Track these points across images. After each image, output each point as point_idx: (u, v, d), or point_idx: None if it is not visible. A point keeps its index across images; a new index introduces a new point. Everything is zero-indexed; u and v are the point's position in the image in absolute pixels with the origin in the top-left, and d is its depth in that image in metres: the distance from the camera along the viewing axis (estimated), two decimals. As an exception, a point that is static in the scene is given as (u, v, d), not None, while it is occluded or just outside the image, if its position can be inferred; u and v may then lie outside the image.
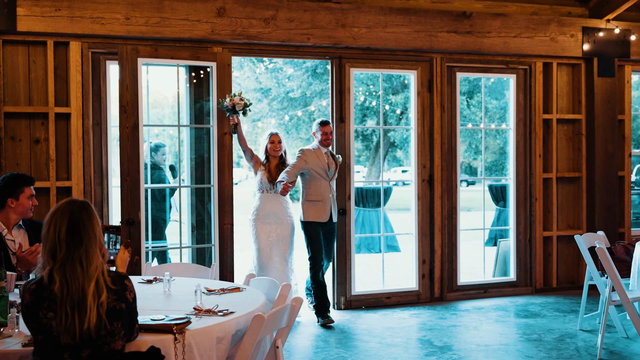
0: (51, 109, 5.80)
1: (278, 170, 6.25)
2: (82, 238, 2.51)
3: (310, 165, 6.19)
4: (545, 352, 5.24)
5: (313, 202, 6.23)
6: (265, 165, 6.27)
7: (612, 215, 7.50)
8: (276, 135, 6.34)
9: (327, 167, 6.25)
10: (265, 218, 6.19)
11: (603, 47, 7.42)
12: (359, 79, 17.39)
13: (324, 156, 6.26)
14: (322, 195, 6.23)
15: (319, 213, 6.21)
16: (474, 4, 7.18)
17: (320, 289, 6.21)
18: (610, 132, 7.50)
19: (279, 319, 3.21)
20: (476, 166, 23.31)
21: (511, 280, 7.43)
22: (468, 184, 27.30)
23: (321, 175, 6.22)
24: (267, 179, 6.22)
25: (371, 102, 18.35)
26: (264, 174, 6.23)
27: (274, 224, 6.19)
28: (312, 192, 6.24)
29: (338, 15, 6.49)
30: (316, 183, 6.22)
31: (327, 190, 6.25)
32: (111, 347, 2.48)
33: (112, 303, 2.50)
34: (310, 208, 6.22)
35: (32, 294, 2.49)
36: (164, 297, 3.61)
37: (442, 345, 5.48)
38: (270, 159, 6.32)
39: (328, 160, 6.28)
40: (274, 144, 6.30)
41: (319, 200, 6.22)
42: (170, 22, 5.97)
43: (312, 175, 6.22)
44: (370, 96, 18.37)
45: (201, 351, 2.89)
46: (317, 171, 6.20)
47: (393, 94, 18.48)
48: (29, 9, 5.60)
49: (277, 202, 6.23)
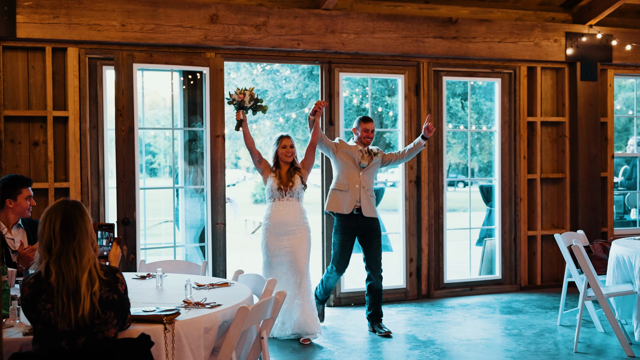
0: (49, 112, 6.01)
1: (290, 175, 5.77)
2: (74, 233, 2.73)
3: (340, 151, 5.94)
4: (524, 346, 5.46)
5: (337, 191, 5.95)
6: (276, 172, 5.77)
7: (595, 214, 7.73)
8: (288, 139, 5.82)
9: (359, 159, 5.94)
10: (277, 228, 5.68)
11: (586, 51, 7.64)
12: (355, 80, 17.60)
13: (358, 152, 5.97)
14: (348, 185, 5.89)
15: (339, 203, 5.90)
16: (459, 10, 7.41)
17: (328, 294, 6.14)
18: (593, 134, 7.72)
19: (263, 311, 3.42)
20: (472, 167, 23.56)
21: (497, 278, 7.65)
22: (465, 185, 27.54)
23: (350, 164, 5.92)
24: (278, 186, 5.72)
25: (366, 104, 18.57)
26: (275, 180, 5.73)
27: (286, 234, 5.67)
28: (339, 181, 5.96)
29: (327, 22, 6.70)
30: (345, 172, 5.92)
31: (356, 180, 5.90)
32: (105, 334, 2.70)
33: (105, 294, 2.71)
34: (333, 197, 5.96)
35: (31, 287, 2.70)
36: (156, 292, 3.82)
37: (425, 339, 5.70)
38: (281, 164, 5.81)
39: (362, 155, 5.98)
40: (286, 148, 5.77)
41: (344, 189, 5.91)
42: (165, 28, 6.19)
43: (341, 162, 5.94)
44: (365, 98, 18.58)
45: (189, 340, 3.10)
46: (346, 158, 5.93)
47: (389, 96, 18.70)
48: (28, 16, 5.81)
49: (290, 210, 5.71)
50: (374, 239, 5.96)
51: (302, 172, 5.82)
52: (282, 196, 5.72)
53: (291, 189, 5.71)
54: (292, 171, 5.79)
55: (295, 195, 5.74)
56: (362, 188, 5.91)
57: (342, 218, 5.92)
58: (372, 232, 5.96)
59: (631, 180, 9.00)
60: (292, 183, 5.72)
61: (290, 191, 5.71)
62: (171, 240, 6.74)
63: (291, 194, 5.72)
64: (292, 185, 5.72)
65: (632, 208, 9.14)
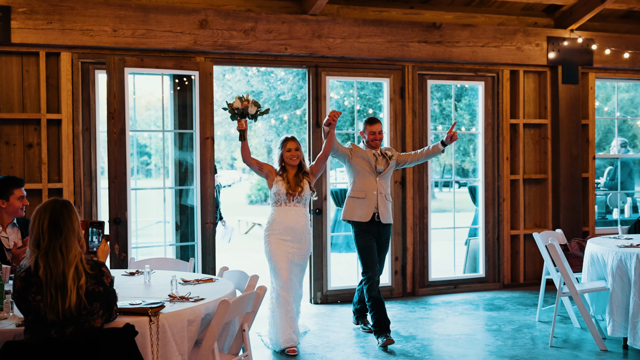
0: (43, 115, 6.19)
1: (298, 179, 5.52)
2: (62, 230, 2.93)
3: (355, 157, 5.77)
4: (502, 341, 5.66)
5: (353, 199, 5.75)
6: (283, 176, 5.50)
7: (577, 214, 7.94)
8: (293, 142, 5.55)
9: (374, 164, 5.77)
10: (283, 234, 5.44)
11: (567, 55, 7.85)
12: (350, 83, 17.80)
13: (373, 157, 5.79)
14: (365, 192, 5.72)
15: (357, 211, 5.70)
16: (444, 15, 7.61)
17: (377, 305, 5.58)
18: (574, 136, 7.93)
19: (243, 305, 3.62)
20: (468, 168, 23.76)
21: (480, 276, 7.85)
22: (460, 186, 27.80)
23: (366, 169, 5.75)
24: (287, 190, 5.46)
25: (357, 106, 18.78)
26: (283, 184, 5.46)
27: (292, 241, 5.44)
28: (356, 188, 5.76)
29: (314, 27, 6.90)
30: (361, 178, 5.74)
31: (373, 186, 5.73)
32: (91, 324, 2.90)
33: (91, 286, 2.91)
34: (349, 205, 5.76)
35: (22, 280, 2.90)
36: (144, 287, 4.01)
37: (407, 335, 5.89)
38: (288, 168, 5.55)
39: (377, 159, 5.81)
40: (291, 152, 5.52)
41: (361, 197, 5.72)
42: (155, 33, 6.37)
43: (356, 168, 5.77)
44: (357, 101, 18.78)
45: (173, 332, 3.29)
46: (362, 164, 5.75)
47: (382, 98, 18.87)
48: (23, 22, 6.00)
49: (297, 216, 5.48)
50: (386, 246, 5.90)
51: (310, 177, 5.61)
52: (290, 201, 5.48)
53: (300, 194, 5.48)
54: (301, 176, 5.54)
55: (303, 202, 5.53)
56: (379, 194, 5.74)
57: (362, 224, 5.73)
58: (386, 240, 5.87)
59: (614, 181, 9.22)
60: (301, 189, 5.49)
61: (299, 197, 5.49)
62: (162, 240, 6.92)
63: (299, 199, 5.49)
64: (302, 191, 5.48)
65: (614, 208, 9.35)
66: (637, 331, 5.12)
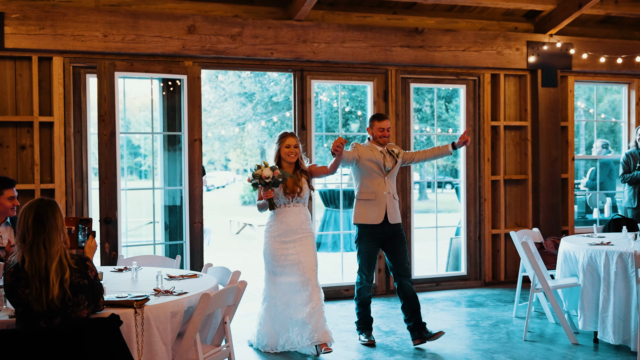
0: (36, 118, 6.39)
1: (296, 178, 5.41)
2: (45, 226, 3.15)
3: (362, 160, 5.60)
4: (479, 335, 5.89)
5: (364, 202, 5.62)
6: None
7: (556, 214, 8.17)
8: (292, 138, 5.45)
9: (383, 163, 5.63)
10: (282, 235, 5.36)
11: (547, 59, 8.09)
12: (344, 86, 18.01)
13: (380, 154, 5.66)
14: (375, 193, 5.59)
15: (369, 214, 5.58)
16: (426, 20, 7.84)
17: (364, 305, 5.72)
18: (553, 137, 8.17)
19: (224, 298, 3.83)
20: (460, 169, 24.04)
21: (462, 274, 8.08)
22: (452, 187, 28.04)
23: (374, 170, 5.60)
24: (284, 191, 5.36)
25: (346, 108, 18.99)
26: (280, 185, 5.33)
27: (292, 242, 5.35)
28: (364, 190, 5.63)
29: (299, 32, 7.11)
30: (369, 179, 5.61)
31: (382, 187, 5.60)
32: (77, 314, 3.12)
33: (75, 280, 3.12)
34: (360, 208, 5.63)
35: (11, 275, 3.13)
36: (131, 282, 4.21)
37: (388, 330, 6.11)
38: (284, 164, 5.43)
39: (385, 157, 5.67)
40: (290, 148, 5.40)
41: (371, 198, 5.59)
42: (145, 38, 6.58)
43: (364, 170, 5.62)
44: (347, 103, 18.99)
45: (157, 323, 3.50)
46: (370, 165, 5.60)
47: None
48: (16, 27, 6.19)
49: (296, 217, 5.38)
50: (400, 245, 5.65)
51: (308, 176, 5.52)
52: (289, 202, 5.39)
53: (299, 194, 5.39)
54: (299, 174, 5.44)
55: (302, 201, 5.44)
56: (388, 194, 5.62)
57: (368, 226, 5.63)
58: (398, 238, 5.66)
59: (595, 181, 9.46)
60: (300, 189, 5.39)
61: (298, 197, 5.39)
62: (151, 239, 7.11)
63: (298, 199, 5.40)
64: (300, 191, 5.39)
65: (594, 208, 9.59)
66: (606, 325, 5.34)
